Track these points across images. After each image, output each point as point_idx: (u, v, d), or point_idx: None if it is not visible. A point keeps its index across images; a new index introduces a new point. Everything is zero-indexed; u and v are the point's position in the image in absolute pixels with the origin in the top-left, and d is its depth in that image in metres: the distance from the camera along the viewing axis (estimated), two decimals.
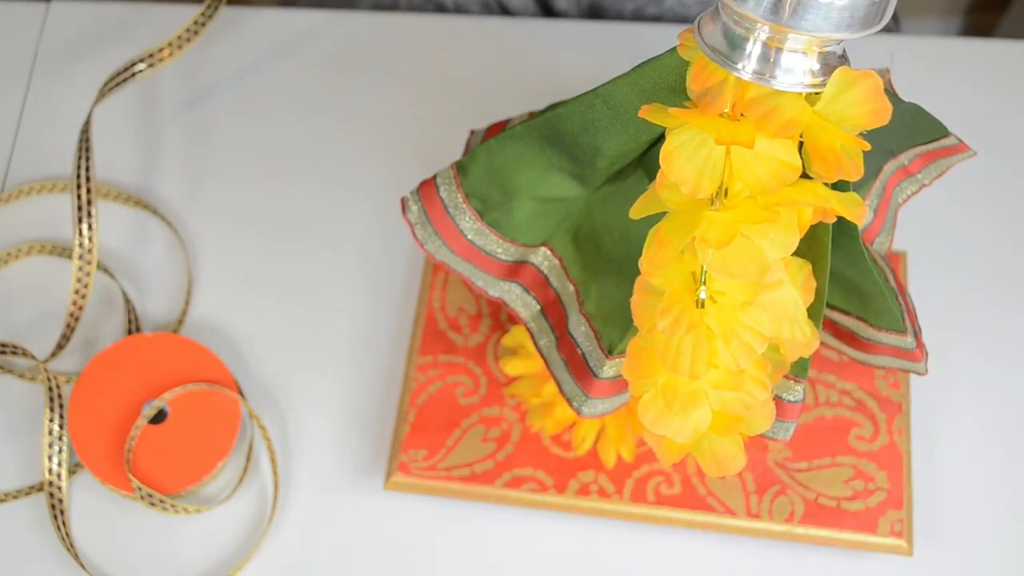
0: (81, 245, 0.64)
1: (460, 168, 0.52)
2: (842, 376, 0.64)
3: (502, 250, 0.54)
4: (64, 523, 0.62)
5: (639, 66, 0.45)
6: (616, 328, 0.52)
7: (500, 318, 0.66)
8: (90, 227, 0.64)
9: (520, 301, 0.56)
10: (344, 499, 0.63)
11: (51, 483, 0.62)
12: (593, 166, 0.50)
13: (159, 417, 0.63)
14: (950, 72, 0.76)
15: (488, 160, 0.51)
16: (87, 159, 0.65)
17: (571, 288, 0.55)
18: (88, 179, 0.64)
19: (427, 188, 0.53)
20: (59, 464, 0.62)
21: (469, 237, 0.53)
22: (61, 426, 0.63)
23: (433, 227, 0.53)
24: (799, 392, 0.50)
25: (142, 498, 0.61)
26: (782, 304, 0.45)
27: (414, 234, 0.54)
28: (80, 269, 0.64)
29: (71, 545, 0.61)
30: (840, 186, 0.43)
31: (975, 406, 0.65)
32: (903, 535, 0.60)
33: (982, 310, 0.68)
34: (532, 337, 0.56)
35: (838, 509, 0.61)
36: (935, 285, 0.68)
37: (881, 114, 0.40)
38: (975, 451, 0.64)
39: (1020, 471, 0.64)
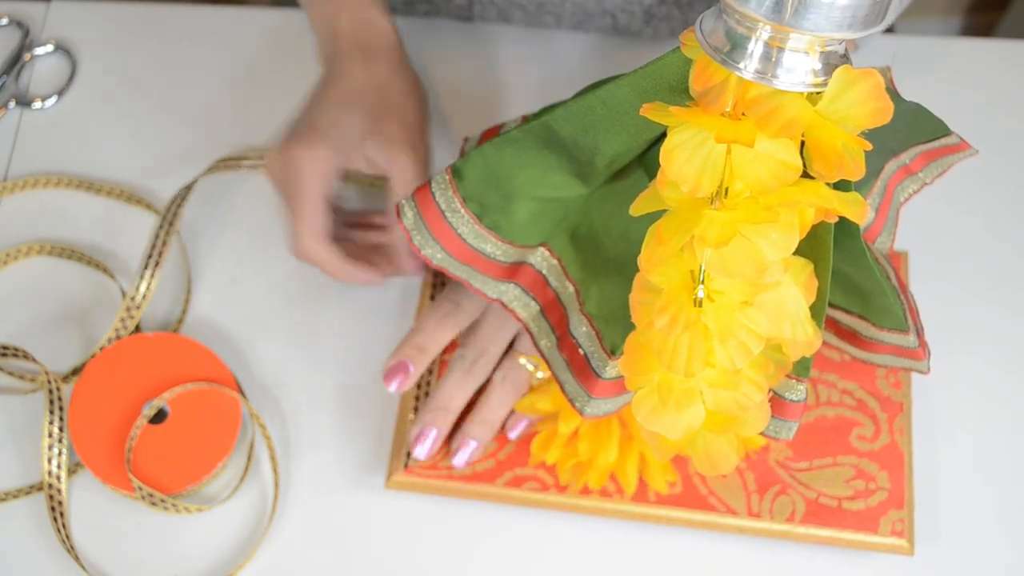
0: (133, 298, 0.66)
1: (455, 172, 0.52)
2: (843, 376, 0.64)
3: (500, 252, 0.54)
4: (64, 524, 0.62)
5: (639, 68, 0.45)
6: (618, 329, 0.52)
7: None
8: (148, 287, 0.66)
9: (519, 302, 0.56)
10: (345, 498, 0.63)
11: (51, 485, 0.62)
12: (592, 165, 0.50)
13: (159, 417, 0.63)
14: (950, 72, 0.76)
15: (484, 164, 0.51)
16: (170, 224, 0.68)
17: (571, 288, 0.54)
18: (164, 243, 0.67)
19: (422, 194, 0.53)
20: (59, 467, 0.62)
21: (468, 241, 0.53)
22: (61, 428, 0.63)
23: (430, 232, 0.53)
24: (801, 391, 0.50)
25: (143, 498, 0.61)
26: (783, 304, 0.45)
27: (410, 240, 0.53)
28: (123, 319, 0.66)
29: (72, 547, 0.61)
30: (842, 185, 0.43)
31: (976, 406, 0.65)
32: (904, 535, 0.60)
33: (983, 310, 0.68)
34: (532, 338, 0.56)
35: (839, 509, 0.61)
36: (936, 285, 0.68)
37: (883, 113, 0.40)
38: (976, 451, 0.64)
39: (1021, 471, 0.64)
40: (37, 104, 0.75)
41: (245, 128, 0.74)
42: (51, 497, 0.62)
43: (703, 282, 0.43)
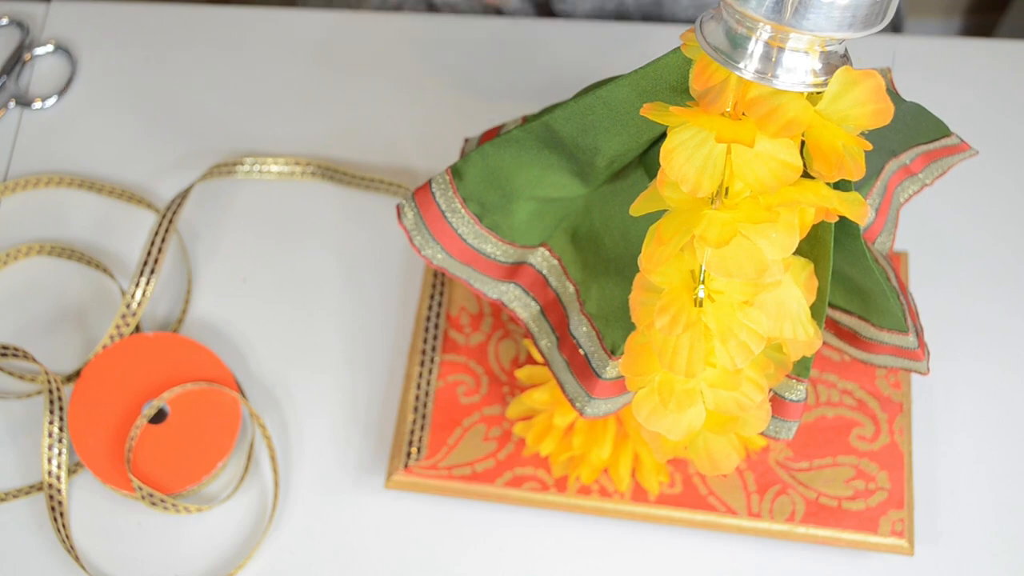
0: (128, 306, 0.66)
1: (455, 172, 0.52)
2: (843, 376, 0.64)
3: (501, 252, 0.54)
4: (64, 524, 0.62)
5: (639, 68, 0.45)
6: (619, 329, 0.52)
7: (501, 317, 0.66)
8: (144, 293, 0.66)
9: (519, 302, 0.56)
10: (344, 499, 0.63)
11: (51, 485, 0.62)
12: (593, 165, 0.50)
13: (159, 417, 0.63)
14: (950, 72, 0.76)
15: (484, 164, 0.51)
16: (168, 227, 0.67)
17: (571, 288, 0.54)
18: (161, 247, 0.67)
19: (422, 194, 0.53)
20: (59, 467, 0.62)
21: (468, 241, 0.53)
22: (61, 428, 0.63)
23: (430, 232, 0.53)
24: (801, 391, 0.50)
25: (143, 498, 0.61)
26: (784, 303, 0.45)
27: (411, 240, 0.53)
28: (118, 327, 0.66)
29: (71, 547, 0.61)
30: (842, 185, 0.43)
31: (976, 406, 0.65)
32: (904, 535, 0.60)
33: (983, 311, 0.68)
34: (532, 338, 0.56)
35: (839, 509, 0.61)
36: (936, 286, 0.68)
37: (883, 114, 0.40)
38: (976, 451, 0.64)
39: (1021, 471, 0.64)
40: (37, 104, 0.75)
41: (245, 128, 0.74)
42: (51, 497, 0.62)
43: (703, 282, 0.43)
